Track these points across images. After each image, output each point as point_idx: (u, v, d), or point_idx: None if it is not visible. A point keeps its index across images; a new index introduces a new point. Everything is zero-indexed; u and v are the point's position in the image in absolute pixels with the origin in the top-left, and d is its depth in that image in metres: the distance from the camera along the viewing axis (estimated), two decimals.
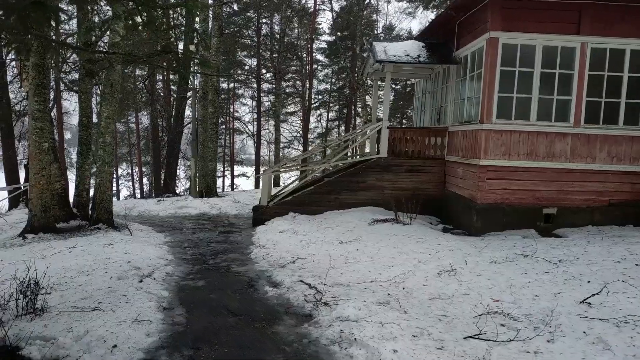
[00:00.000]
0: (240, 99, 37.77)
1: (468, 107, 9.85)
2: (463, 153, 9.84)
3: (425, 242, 8.13)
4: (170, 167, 21.59)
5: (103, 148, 9.61)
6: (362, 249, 7.72)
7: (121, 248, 7.86)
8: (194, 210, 13.12)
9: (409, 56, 10.58)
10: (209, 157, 15.74)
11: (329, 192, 10.96)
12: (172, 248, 8.50)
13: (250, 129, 34.79)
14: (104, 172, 9.65)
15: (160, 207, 13.56)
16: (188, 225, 11.36)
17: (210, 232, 10.34)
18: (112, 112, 9.60)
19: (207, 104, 15.34)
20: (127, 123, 36.48)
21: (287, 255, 7.59)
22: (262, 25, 34.78)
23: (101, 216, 9.70)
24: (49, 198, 9.17)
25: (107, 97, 9.54)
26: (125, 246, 7.98)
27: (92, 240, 8.65)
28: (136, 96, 29.76)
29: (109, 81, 9.53)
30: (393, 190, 10.91)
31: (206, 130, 15.49)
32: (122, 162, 38.56)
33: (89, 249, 7.85)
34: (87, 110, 10.42)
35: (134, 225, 10.39)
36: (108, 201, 9.76)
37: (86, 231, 9.47)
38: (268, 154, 40.00)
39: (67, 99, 35.64)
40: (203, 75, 15.13)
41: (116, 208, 13.47)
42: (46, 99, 8.89)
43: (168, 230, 10.63)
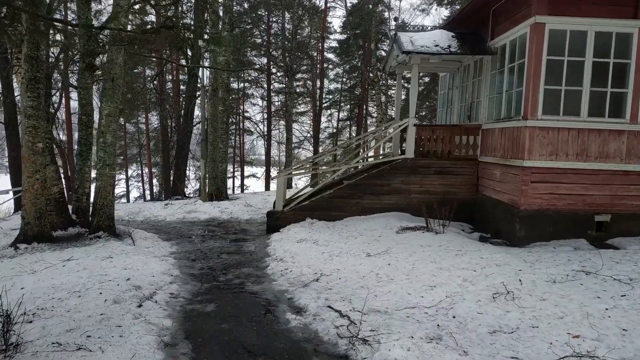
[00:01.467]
0: (250, 98, 36.81)
1: (507, 102, 8.74)
2: (501, 153, 8.73)
3: (465, 254, 7.05)
4: (179, 168, 20.65)
5: (104, 149, 8.63)
6: (394, 264, 6.64)
7: (121, 262, 6.86)
8: (204, 215, 12.12)
9: (438, 46, 9.49)
10: (219, 158, 14.75)
11: (350, 196, 9.90)
12: (178, 261, 7.48)
13: (260, 129, 33.76)
14: (104, 176, 8.66)
15: (168, 212, 12.58)
16: (197, 232, 10.36)
17: (220, 241, 9.32)
18: (114, 109, 8.62)
19: (217, 102, 14.33)
20: (137, 124, 35.69)
21: (309, 270, 6.53)
22: (272, 24, 33.89)
23: (102, 223, 8.72)
24: (44, 204, 8.20)
25: (109, 92, 8.56)
26: (126, 259, 6.97)
27: (90, 251, 7.66)
28: (145, 96, 28.86)
29: (110, 75, 8.55)
30: (420, 194, 9.82)
31: (216, 130, 14.49)
32: (132, 163, 37.78)
33: (85, 263, 6.86)
34: (87, 107, 9.44)
35: (138, 232, 9.40)
36: (109, 207, 8.78)
37: (85, 240, 8.49)
38: (278, 155, 39.05)
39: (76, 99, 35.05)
40: (213, 72, 14.13)
41: (120, 213, 12.52)
42: (40, 95, 7.92)
43: (175, 238, 9.63)
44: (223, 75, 14.32)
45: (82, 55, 9.43)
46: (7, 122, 19.75)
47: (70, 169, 26.65)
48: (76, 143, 35.07)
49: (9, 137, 19.94)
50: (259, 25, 33.77)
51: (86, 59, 9.34)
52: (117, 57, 8.56)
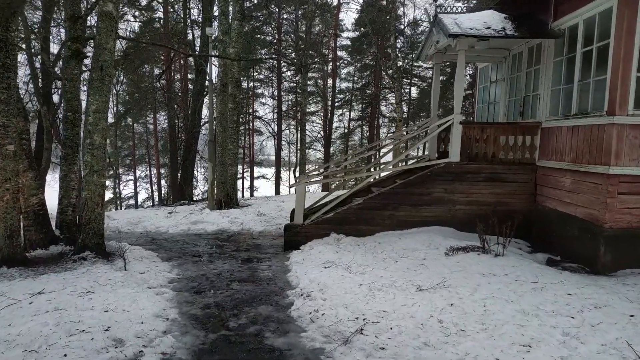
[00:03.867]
0: (260, 98, 35.21)
1: (580, 94, 7.00)
2: (572, 157, 6.99)
3: (545, 289, 5.34)
4: (186, 170, 19.07)
5: (91, 152, 6.99)
6: (458, 305, 4.94)
7: (103, 298, 5.20)
8: (211, 227, 10.47)
9: (490, 29, 7.76)
10: (228, 161, 13.10)
11: (382, 207, 8.21)
12: (177, 294, 5.81)
13: (271, 129, 32.10)
14: (92, 184, 7.03)
15: (171, 222, 10.94)
16: (203, 247, 8.71)
17: (230, 261, 7.66)
18: (103, 104, 6.98)
19: (226, 98, 12.67)
20: (145, 124, 34.23)
21: (347, 313, 4.84)
22: (283, 22, 32.25)
23: (88, 242, 7.08)
24: (16, 220, 6.58)
25: (96, 84, 6.92)
26: (110, 295, 5.31)
27: (68, 279, 6.01)
28: (153, 95, 27.29)
29: (98, 63, 6.91)
30: (467, 205, 8.11)
31: (225, 130, 12.83)
32: (140, 164, 36.32)
33: (57, 299, 5.22)
34: (73, 102, 7.82)
35: (133, 251, 7.76)
36: (98, 222, 7.15)
37: (67, 263, 6.86)
38: (288, 155, 37.42)
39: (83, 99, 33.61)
40: (222, 66, 12.50)
41: (118, 223, 10.92)
42: (10, 86, 6.29)
43: (177, 256, 7.99)
44: (233, 69, 12.65)
45: (68, 43, 7.80)
46: None
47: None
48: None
49: None
50: (269, 22, 32.20)
51: (72, 46, 7.72)
52: (107, 41, 6.92)
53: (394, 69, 19.03)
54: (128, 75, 29.52)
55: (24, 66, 20.08)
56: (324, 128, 34.60)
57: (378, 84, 33.14)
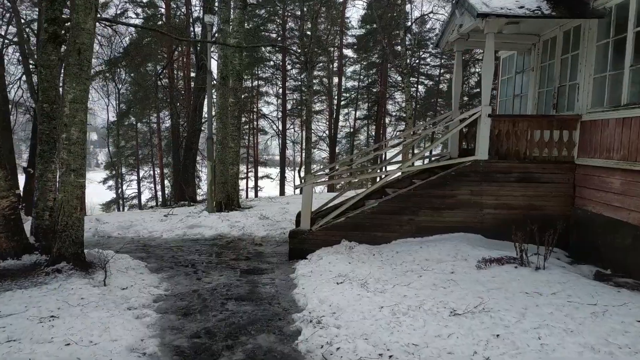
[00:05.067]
0: (264, 97, 34.22)
1: (632, 80, 5.95)
2: (623, 153, 5.94)
3: (607, 314, 4.30)
4: (187, 170, 18.10)
5: (67, 148, 6.00)
6: (506, 336, 3.91)
7: (67, 326, 4.20)
8: (209, 231, 9.46)
9: (524, 8, 6.71)
10: (229, 160, 12.10)
11: (400, 211, 7.18)
12: (162, 316, 4.80)
13: (276, 127, 31.11)
14: (68, 185, 6.04)
15: (165, 226, 9.94)
16: (198, 256, 7.71)
17: (228, 272, 6.65)
18: (81, 92, 5.99)
19: (226, 92, 11.66)
20: (149, 123, 33.34)
21: (368, 347, 3.80)
22: (288, 18, 31.27)
23: (65, 251, 6.09)
24: None
25: (73, 70, 5.93)
26: (77, 322, 4.30)
27: (34, 298, 5.02)
28: (156, 93, 26.35)
29: (75, 45, 5.92)
30: (496, 208, 7.07)
31: (226, 126, 11.82)
32: (144, 164, 35.46)
33: (13, 327, 4.22)
34: (50, 92, 6.82)
35: (118, 260, 6.77)
36: (76, 228, 6.15)
37: (39, 275, 5.86)
38: (293, 155, 36.44)
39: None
40: (222, 57, 11.49)
41: (109, 228, 9.93)
42: None
43: (167, 267, 6.99)
44: (234, 60, 11.65)
45: (44, 23, 6.82)
46: None
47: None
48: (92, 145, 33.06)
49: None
50: (273, 20, 31.22)
51: (49, 28, 6.73)
52: (85, 20, 5.92)
53: (404, 65, 17.97)
54: (131, 74, 28.73)
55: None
56: (329, 127, 33.60)
57: (385, 82, 32.09)
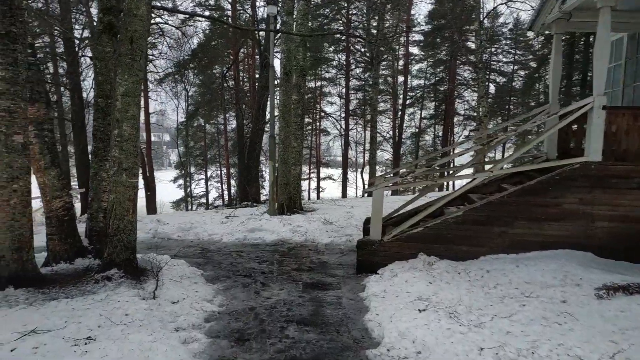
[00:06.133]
0: (326, 97, 33.56)
1: None
2: None
3: None
4: (250, 170, 17.70)
5: (119, 145, 5.47)
6: None
7: (102, 352, 3.56)
8: (270, 236, 8.75)
9: None
10: (292, 160, 11.38)
11: (489, 222, 6.01)
12: (212, 343, 4.04)
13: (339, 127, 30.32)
14: (120, 185, 5.51)
15: (226, 229, 9.36)
16: (258, 264, 6.99)
17: (289, 285, 5.84)
18: (133, 85, 5.43)
19: (289, 89, 10.95)
20: (216, 124, 33.84)
21: None
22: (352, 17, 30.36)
23: (116, 257, 5.56)
24: (27, 228, 5.17)
25: (125, 60, 5.38)
26: (114, 347, 3.66)
27: (77, 311, 4.46)
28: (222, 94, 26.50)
29: (128, 34, 5.36)
30: (611, 221, 5.70)
31: (288, 125, 11.11)
32: (211, 164, 36.07)
33: (46, 349, 3.65)
34: (105, 86, 6.37)
35: (172, 267, 6.19)
36: (128, 232, 5.61)
37: (88, 283, 5.36)
38: (355, 156, 35.47)
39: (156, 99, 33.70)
40: (285, 51, 10.78)
41: (169, 229, 9.52)
42: (17, 61, 4.89)
43: (225, 276, 6.31)
44: (298, 55, 10.92)
45: (100, 13, 6.39)
46: (74, 117, 17.96)
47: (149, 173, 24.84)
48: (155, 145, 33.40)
49: (76, 135, 18.17)
50: (337, 19, 30.44)
51: (104, 18, 6.28)
52: (138, 5, 5.35)
53: (478, 59, 16.45)
54: (199, 77, 29.20)
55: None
56: (393, 127, 32.30)
57: (453, 79, 30.29)
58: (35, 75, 5.77)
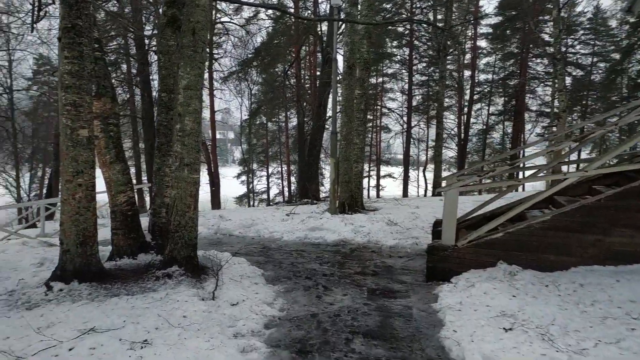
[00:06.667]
0: (388, 93, 32.77)
1: None
2: None
3: None
4: (311, 168, 17.49)
5: (181, 140, 5.33)
6: None
7: (160, 356, 3.36)
8: (331, 235, 8.39)
9: None
10: (354, 157, 10.95)
11: (581, 228, 5.24)
12: (272, 352, 3.70)
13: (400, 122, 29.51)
14: (182, 181, 5.37)
15: (286, 227, 9.12)
16: (319, 265, 6.63)
17: (353, 290, 5.43)
18: (195, 78, 5.26)
19: (352, 83, 10.52)
20: (278, 122, 34.18)
21: None
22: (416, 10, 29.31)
23: (176, 254, 5.43)
24: (91, 223, 5.15)
25: (187, 52, 5.21)
26: (168, 354, 3.41)
27: (136, 310, 4.32)
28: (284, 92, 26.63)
29: (190, 25, 5.19)
30: None
31: (351, 120, 10.69)
32: (273, 161, 36.48)
33: (102, 350, 3.51)
34: (168, 80, 6.28)
35: (233, 266, 6.01)
36: (189, 228, 5.46)
37: (149, 279, 5.27)
38: (417, 153, 34.36)
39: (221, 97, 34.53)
40: (349, 44, 10.35)
41: (231, 225, 9.44)
42: (84, 55, 4.86)
43: (286, 276, 6.02)
44: (362, 48, 10.45)
45: (163, 6, 6.30)
46: (144, 114, 18.65)
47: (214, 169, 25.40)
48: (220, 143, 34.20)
49: (146, 131, 18.84)
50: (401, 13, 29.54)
51: (168, 11, 6.18)
52: None
53: (556, 49, 15.09)
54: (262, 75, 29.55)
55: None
56: (458, 124, 30.93)
57: (524, 73, 28.41)
58: (102, 69, 5.77)
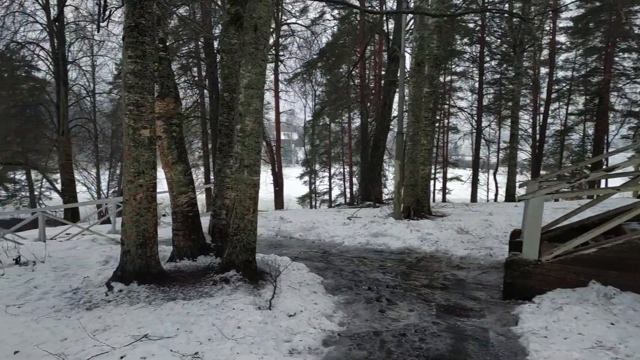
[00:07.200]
0: (457, 92, 31.37)
1: None
2: None
3: None
4: (374, 169, 16.99)
5: (241, 141, 5.13)
6: None
7: None
8: (395, 242, 7.90)
9: None
10: (420, 159, 10.34)
11: None
12: None
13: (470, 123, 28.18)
14: (242, 183, 5.17)
15: (348, 231, 8.75)
16: (382, 274, 6.19)
17: (420, 306, 4.95)
18: (256, 76, 5.04)
19: (421, 80, 9.92)
20: (340, 123, 33.99)
21: None
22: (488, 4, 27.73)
23: (235, 257, 5.24)
24: (151, 224, 5.09)
25: (249, 49, 5.00)
26: None
27: (191, 316, 4.15)
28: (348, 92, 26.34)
29: (252, 20, 4.98)
30: None
31: (418, 120, 10.09)
32: (335, 162, 36.34)
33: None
34: (230, 80, 6.14)
35: (291, 272, 5.74)
36: (248, 232, 5.25)
37: (207, 284, 5.12)
38: (487, 155, 32.61)
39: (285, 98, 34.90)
40: (417, 39, 9.77)
41: (291, 227, 9.24)
42: (145, 54, 4.80)
43: (346, 285, 5.65)
44: (431, 44, 9.83)
45: (227, 3, 6.17)
46: (212, 116, 19.09)
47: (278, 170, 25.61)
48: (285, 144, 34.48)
49: (212, 132, 19.29)
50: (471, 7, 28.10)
51: (232, 9, 6.04)
52: None
53: None
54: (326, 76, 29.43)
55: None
56: (532, 125, 28.91)
57: (609, 70, 25.95)
58: (166, 69, 5.73)
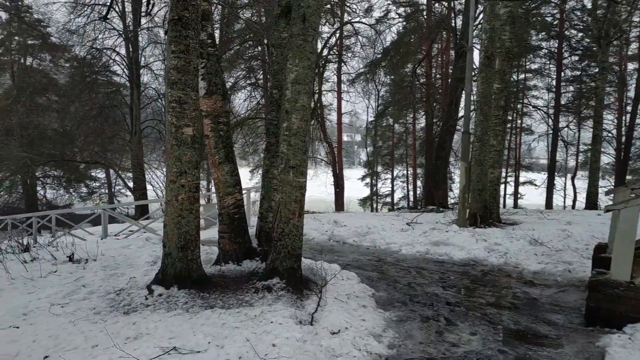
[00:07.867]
0: (531, 91, 29.25)
1: None
2: None
3: None
4: (438, 172, 16.08)
5: (287, 140, 4.78)
6: None
7: None
8: (458, 253, 7.18)
9: None
10: (489, 161, 9.46)
11: None
12: None
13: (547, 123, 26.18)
14: (287, 185, 4.82)
15: (406, 239, 8.12)
16: (441, 289, 5.56)
17: (483, 329, 4.30)
18: (304, 70, 4.65)
19: (491, 75, 9.05)
20: (405, 124, 33.05)
21: None
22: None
23: (278, 264, 4.89)
24: (193, 226, 4.85)
25: (297, 41, 4.64)
26: None
27: (226, 328, 3.83)
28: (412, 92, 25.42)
29: (300, 10, 4.60)
30: None
31: (487, 118, 9.22)
32: (398, 164, 35.42)
33: None
34: (280, 76, 5.80)
35: (340, 282, 5.30)
36: (293, 237, 4.88)
37: (248, 291, 4.80)
38: (565, 158, 30.10)
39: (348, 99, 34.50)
40: (488, 31, 8.92)
41: (345, 232, 8.79)
42: (190, 49, 4.57)
43: (400, 300, 5.10)
44: (503, 36, 8.94)
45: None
46: None
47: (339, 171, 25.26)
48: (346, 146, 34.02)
49: None
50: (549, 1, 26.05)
51: (282, 1, 5.71)
52: None
53: None
54: (390, 76, 28.67)
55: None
56: (617, 125, 26.23)
57: None
58: (214, 66, 5.51)
